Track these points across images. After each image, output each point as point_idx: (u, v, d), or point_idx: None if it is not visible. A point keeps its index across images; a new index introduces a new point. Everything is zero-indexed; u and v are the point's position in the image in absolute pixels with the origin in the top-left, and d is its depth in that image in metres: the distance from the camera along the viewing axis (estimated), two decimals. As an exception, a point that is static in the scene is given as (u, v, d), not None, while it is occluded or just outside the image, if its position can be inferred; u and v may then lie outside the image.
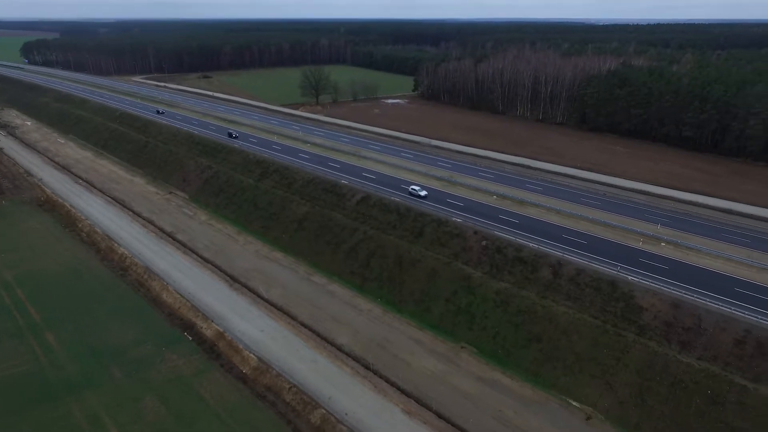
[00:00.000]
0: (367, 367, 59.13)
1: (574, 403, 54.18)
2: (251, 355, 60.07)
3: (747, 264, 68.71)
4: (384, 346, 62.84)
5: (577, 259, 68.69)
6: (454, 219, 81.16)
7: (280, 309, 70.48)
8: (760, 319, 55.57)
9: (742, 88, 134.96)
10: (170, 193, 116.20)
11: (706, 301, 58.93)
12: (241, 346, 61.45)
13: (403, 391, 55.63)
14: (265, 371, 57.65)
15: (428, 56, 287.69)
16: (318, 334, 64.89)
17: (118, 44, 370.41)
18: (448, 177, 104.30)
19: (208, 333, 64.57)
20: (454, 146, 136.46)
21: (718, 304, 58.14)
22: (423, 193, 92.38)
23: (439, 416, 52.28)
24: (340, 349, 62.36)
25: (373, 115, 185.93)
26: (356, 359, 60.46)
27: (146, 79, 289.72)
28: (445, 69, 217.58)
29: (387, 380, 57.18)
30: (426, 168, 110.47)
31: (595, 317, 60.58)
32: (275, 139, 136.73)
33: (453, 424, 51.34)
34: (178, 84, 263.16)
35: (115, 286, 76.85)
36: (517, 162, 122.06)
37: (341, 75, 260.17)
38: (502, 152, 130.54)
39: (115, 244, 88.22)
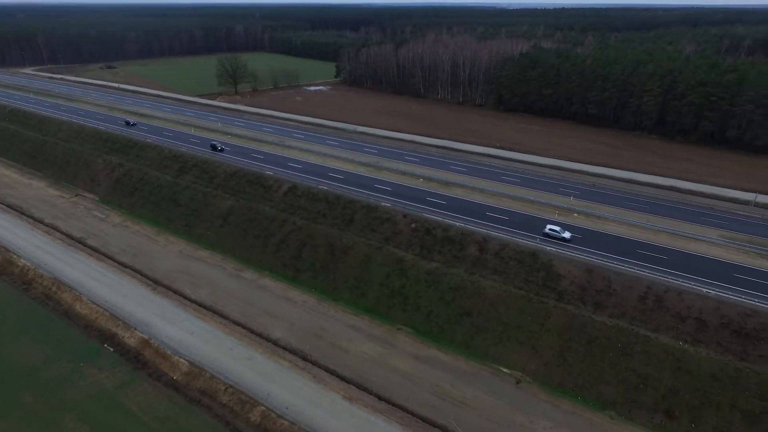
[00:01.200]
0: (305, 359, 58.71)
1: (505, 370, 57.45)
2: (181, 360, 57.36)
3: (647, 228, 76.01)
4: (321, 336, 62.65)
5: (500, 234, 72.24)
6: (383, 204, 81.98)
7: (209, 309, 67.72)
8: (658, 275, 61.88)
9: (637, 67, 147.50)
10: (77, 195, 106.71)
11: (614, 264, 64.53)
12: (169, 352, 58.44)
13: (342, 378, 55.93)
14: (197, 375, 55.36)
15: (349, 42, 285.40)
16: (252, 331, 63.25)
17: (0, 32, 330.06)
18: (375, 163, 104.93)
19: (132, 342, 60.70)
20: (379, 131, 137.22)
21: (624, 266, 63.94)
22: (567, 235, 72.45)
23: (380, 398, 53.26)
24: (276, 343, 61.29)
25: (295, 103, 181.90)
26: (293, 352, 59.79)
27: (38, 71, 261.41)
28: (366, 54, 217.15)
29: (326, 369, 57.17)
30: (352, 155, 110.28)
31: (520, 288, 64.34)
32: (192, 131, 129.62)
33: (394, 404, 52.54)
34: (77, 76, 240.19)
35: (17, 303, 69.73)
36: (441, 144, 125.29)
37: (260, 62, 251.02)
38: (426, 135, 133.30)
39: (14, 256, 79.82)
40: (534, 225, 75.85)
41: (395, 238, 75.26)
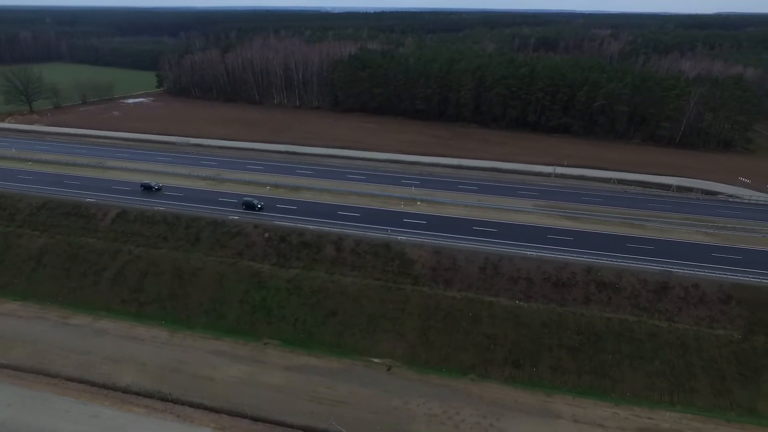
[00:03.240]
0: (164, 399, 52.96)
1: (376, 360, 59.53)
2: (0, 439, 47.02)
3: (478, 206, 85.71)
4: (180, 370, 57.11)
5: (354, 231, 74.34)
6: (231, 218, 77.86)
7: (31, 371, 56.63)
8: (492, 247, 70.34)
9: (452, 65, 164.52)
10: None
11: (456, 242, 71.37)
12: (-19, 435, 47.39)
13: (211, 409, 51.91)
14: (26, 452, 45.98)
15: (168, 48, 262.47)
16: (93, 384, 54.73)
17: None
18: (215, 175, 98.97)
19: None
20: (215, 142, 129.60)
21: (464, 243, 71.19)
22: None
23: (255, 420, 50.80)
24: (126, 390, 54.04)
25: (112, 119, 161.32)
26: (149, 395, 53.43)
27: None
28: (190, 61, 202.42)
29: (191, 404, 52.41)
30: (189, 169, 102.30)
31: (378, 279, 67.16)
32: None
33: (271, 422, 50.61)
34: None
35: None
36: (283, 150, 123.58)
37: (60, 74, 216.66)
38: (267, 142, 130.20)
39: None
40: (383, 218, 79.72)
41: (249, 251, 72.20)
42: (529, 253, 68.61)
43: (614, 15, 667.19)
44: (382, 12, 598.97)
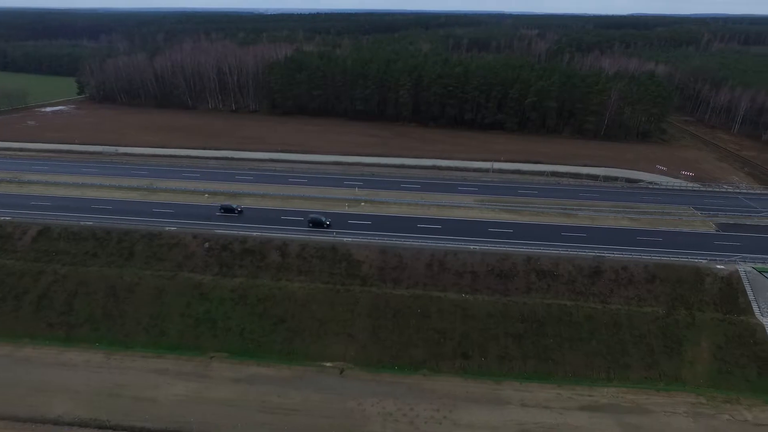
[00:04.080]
0: (102, 427, 49.63)
1: (328, 364, 58.98)
2: None
3: (421, 204, 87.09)
4: (119, 394, 53.73)
5: (299, 235, 73.20)
6: (167, 229, 74.21)
7: (-56, 410, 51.15)
8: (437, 243, 71.67)
9: (389, 65, 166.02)
10: None
11: (402, 241, 72.06)
12: None
13: (155, 432, 49.30)
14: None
15: (88, 52, 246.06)
16: (17, 419, 50.25)
17: None
18: (148, 185, 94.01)
19: None
20: (147, 150, 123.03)
21: (410, 241, 72.05)
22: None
23: (204, 437, 48.78)
24: (57, 422, 50.09)
25: (28, 129, 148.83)
26: (84, 424, 49.88)
27: None
28: (114, 66, 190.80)
29: (132, 429, 49.49)
30: (119, 180, 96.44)
31: (326, 282, 66.56)
32: None
33: (221, 438, 48.80)
34: None
35: None
36: (221, 156, 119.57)
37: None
38: (204, 148, 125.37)
39: None
40: (329, 220, 79.02)
41: (189, 263, 69.18)
42: (472, 247, 70.60)
43: (540, 16, 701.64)
44: (317, 13, 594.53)
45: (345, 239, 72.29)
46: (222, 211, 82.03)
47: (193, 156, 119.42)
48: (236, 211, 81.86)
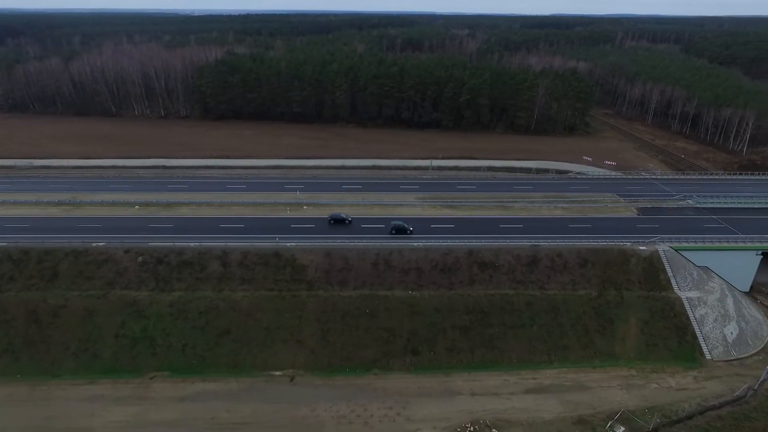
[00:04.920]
0: (30, 464, 45.65)
1: (277, 373, 57.73)
2: None
3: (363, 204, 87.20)
4: (47, 427, 49.72)
5: (240, 243, 70.92)
6: (95, 244, 69.38)
7: None
8: (382, 242, 71.95)
9: (325, 67, 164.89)
10: None
11: (346, 242, 71.73)
12: None
13: (93, 463, 46.03)
14: None
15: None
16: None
17: None
18: (71, 199, 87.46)
19: None
20: (67, 162, 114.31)
21: (355, 242, 71.87)
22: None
23: (148, 462, 46.20)
24: (-23, 464, 45.55)
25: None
26: (10, 463, 45.68)
27: None
28: (24, 71, 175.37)
29: (66, 463, 45.93)
30: (36, 195, 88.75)
31: (271, 289, 65.05)
32: None
33: (167, 461, 46.44)
34: None
35: None
36: (151, 164, 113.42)
37: None
38: (131, 157, 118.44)
39: None
40: (270, 226, 77.35)
41: (121, 279, 65.12)
42: (416, 243, 71.65)
43: (470, 16, 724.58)
44: (247, 15, 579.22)
45: (288, 244, 70.97)
46: (332, 221, 79.69)
47: (119, 166, 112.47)
48: (347, 221, 79.72)
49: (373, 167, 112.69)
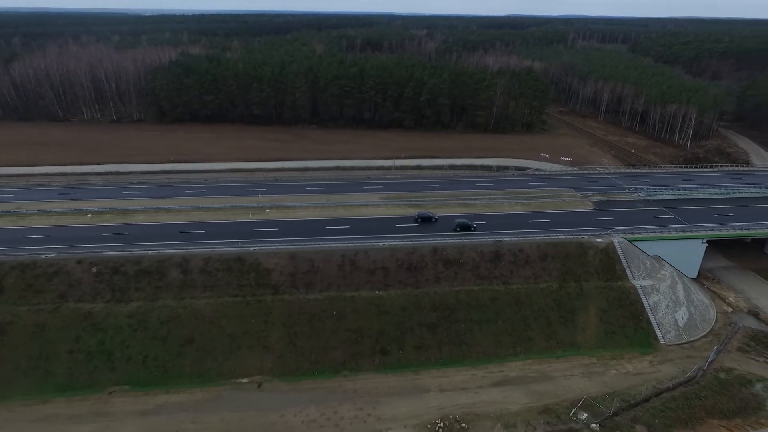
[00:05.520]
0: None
1: (244, 380, 56.51)
2: None
3: (328, 206, 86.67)
4: (-3, 451, 46.80)
5: (201, 249, 68.96)
6: (44, 256, 65.83)
7: None
8: (346, 243, 71.66)
9: (284, 67, 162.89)
10: None
11: (311, 244, 70.98)
12: None
13: (49, 487, 43.68)
14: None
15: None
16: None
17: None
18: (15, 209, 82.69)
19: None
20: (9, 170, 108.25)
21: (320, 244, 71.29)
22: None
23: (110, 482, 44.26)
24: None
25: None
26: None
27: None
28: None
29: (19, 488, 43.36)
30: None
31: (235, 295, 63.64)
32: None
33: (130, 479, 44.62)
34: None
35: None
36: (104, 170, 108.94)
37: None
38: (81, 164, 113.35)
39: None
40: (232, 231, 75.65)
41: (74, 292, 62.08)
42: (381, 243, 71.78)
43: (428, 17, 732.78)
44: (202, 15, 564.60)
45: (252, 248, 69.60)
46: (419, 220, 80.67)
47: (69, 173, 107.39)
48: (433, 219, 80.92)
49: (336, 168, 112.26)
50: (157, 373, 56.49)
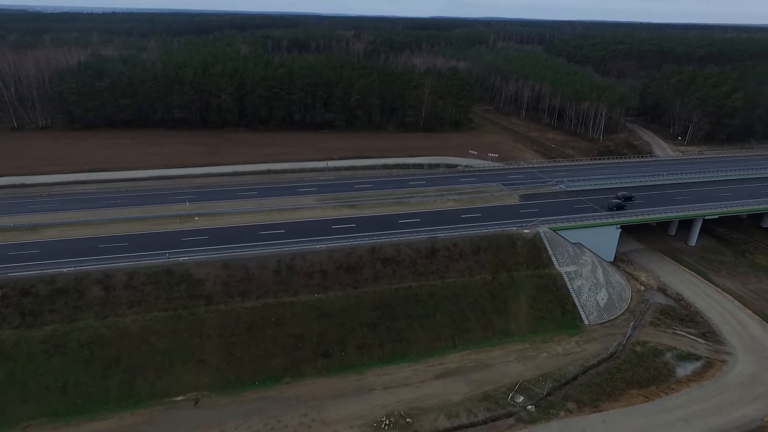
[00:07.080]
0: None
1: (179, 398, 53.70)
2: None
3: (260, 211, 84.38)
4: None
5: (124, 263, 64.53)
6: (-65, 282, 58.56)
7: None
8: (282, 248, 70.19)
9: (207, 69, 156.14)
10: None
11: (245, 251, 68.81)
12: None
13: None
14: None
15: None
16: None
17: None
18: None
19: None
20: None
21: (254, 250, 69.23)
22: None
23: None
24: None
25: None
26: None
27: None
28: None
29: None
30: None
31: (165, 310, 60.28)
32: None
33: None
34: None
35: None
36: (4, 183, 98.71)
37: None
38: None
39: None
40: (159, 241, 71.45)
41: (-24, 319, 55.76)
42: (318, 246, 71.06)
43: (354, 18, 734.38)
44: (113, 13, 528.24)
45: (181, 259, 66.19)
46: (615, 207, 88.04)
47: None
48: (632, 199, 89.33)
49: (268, 172, 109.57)
50: (80, 400, 52.21)
